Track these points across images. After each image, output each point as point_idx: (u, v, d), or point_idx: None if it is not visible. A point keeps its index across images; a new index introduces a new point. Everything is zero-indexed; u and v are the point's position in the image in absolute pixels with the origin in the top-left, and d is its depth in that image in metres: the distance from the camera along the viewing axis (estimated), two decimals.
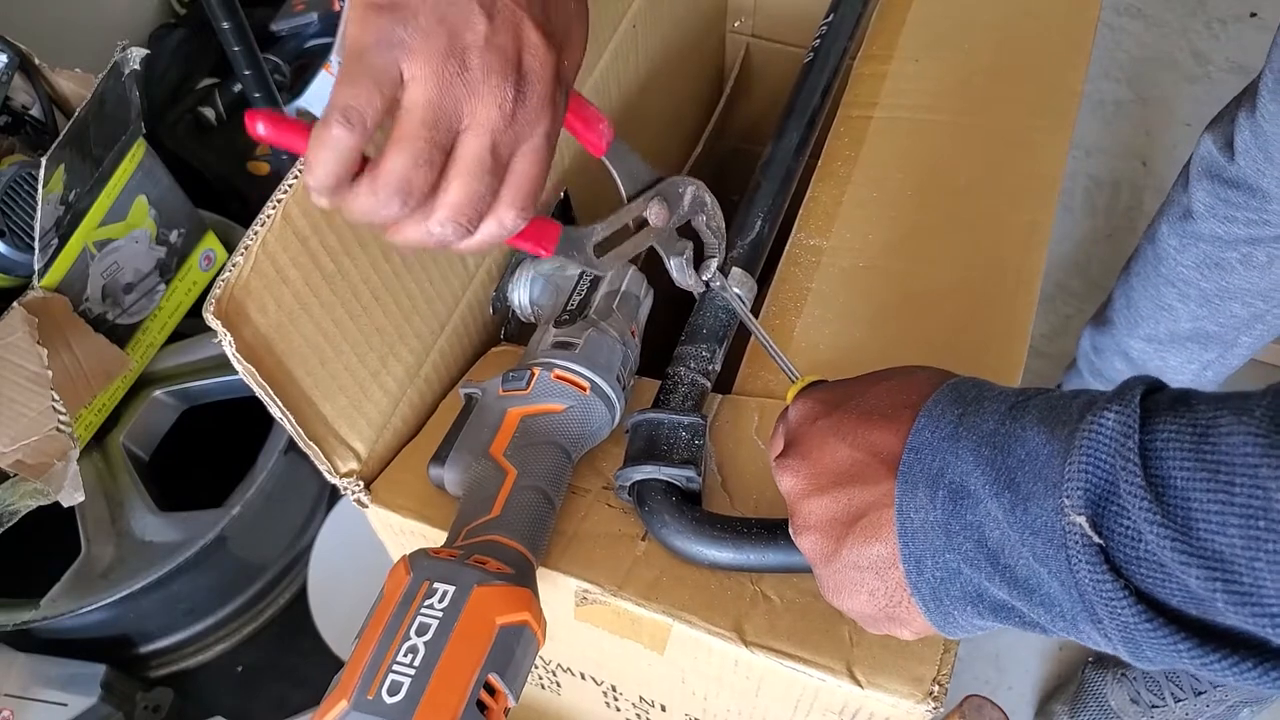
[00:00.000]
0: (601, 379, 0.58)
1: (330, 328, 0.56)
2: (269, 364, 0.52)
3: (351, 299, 0.57)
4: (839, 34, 0.78)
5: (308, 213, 0.52)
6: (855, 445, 0.43)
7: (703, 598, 0.54)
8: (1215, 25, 1.89)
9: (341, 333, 0.57)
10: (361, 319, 0.58)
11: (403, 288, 0.60)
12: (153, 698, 1.07)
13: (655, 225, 0.58)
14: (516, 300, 0.69)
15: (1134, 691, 1.12)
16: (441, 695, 0.42)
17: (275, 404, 0.53)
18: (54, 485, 0.88)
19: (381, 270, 0.58)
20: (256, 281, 0.50)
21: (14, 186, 0.96)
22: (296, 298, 0.53)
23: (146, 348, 1.12)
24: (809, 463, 0.44)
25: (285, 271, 0.52)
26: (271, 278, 0.51)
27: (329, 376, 0.56)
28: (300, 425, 0.55)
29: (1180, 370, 1.06)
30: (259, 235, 0.50)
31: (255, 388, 0.52)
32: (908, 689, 0.49)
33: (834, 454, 0.43)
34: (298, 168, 0.51)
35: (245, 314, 0.50)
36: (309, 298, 0.54)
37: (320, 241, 0.53)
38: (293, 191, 0.51)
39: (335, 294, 0.55)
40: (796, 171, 0.71)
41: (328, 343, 0.56)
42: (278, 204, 0.50)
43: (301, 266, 0.53)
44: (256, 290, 0.50)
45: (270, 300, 0.51)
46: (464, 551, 0.49)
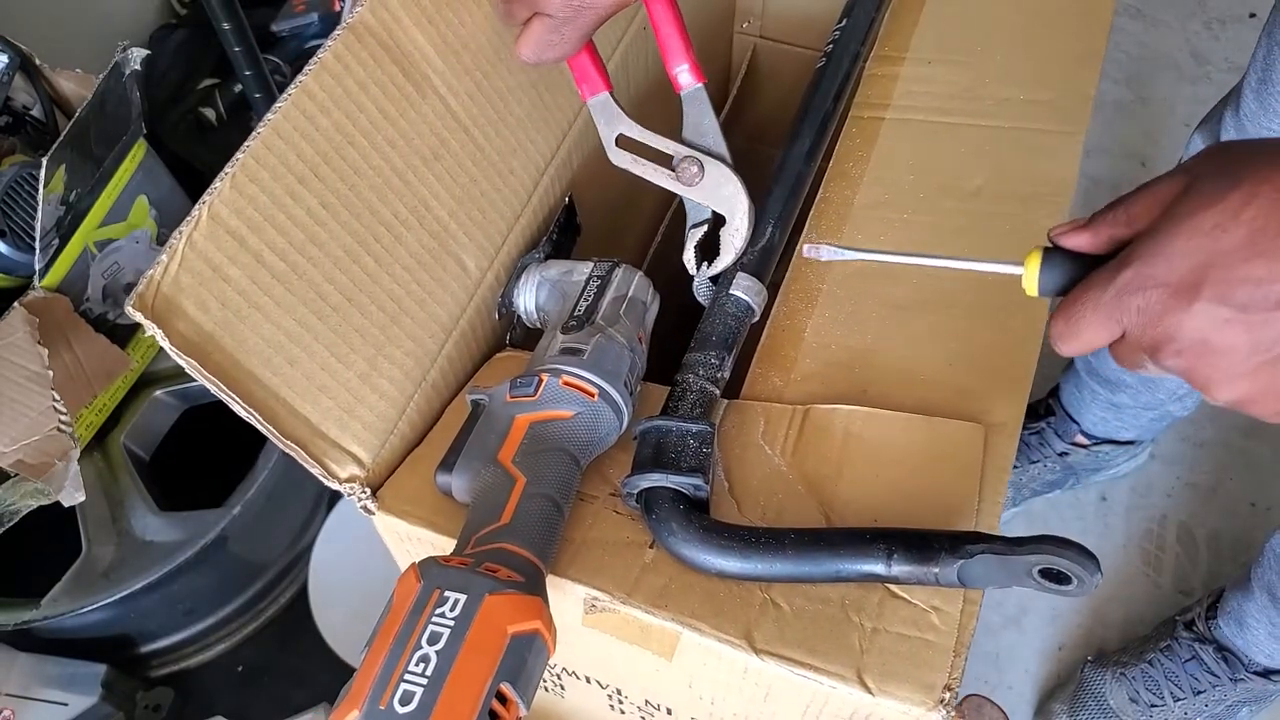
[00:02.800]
0: (609, 385, 0.58)
1: (294, 328, 0.56)
2: (217, 359, 0.53)
3: (317, 299, 0.57)
4: (852, 38, 0.78)
5: (240, 212, 0.53)
6: None
7: (711, 605, 0.54)
8: (1215, 26, 1.89)
9: (310, 334, 0.57)
10: (333, 320, 0.58)
11: (383, 290, 0.60)
12: (153, 697, 1.07)
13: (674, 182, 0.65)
14: (522, 305, 0.69)
15: (1133, 691, 1.12)
16: (454, 705, 0.42)
17: (232, 398, 0.54)
18: (55, 485, 0.88)
19: (350, 271, 0.58)
20: (188, 278, 0.51)
21: (15, 187, 0.96)
22: (244, 296, 0.53)
23: (147, 348, 1.12)
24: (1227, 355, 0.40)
25: (223, 269, 0.52)
26: (206, 275, 0.52)
27: (303, 377, 0.57)
28: (272, 424, 0.56)
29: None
30: (184, 234, 0.51)
31: (200, 379, 0.52)
32: (919, 696, 0.49)
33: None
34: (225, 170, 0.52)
35: (180, 309, 0.51)
36: (260, 297, 0.54)
37: (263, 240, 0.54)
38: (219, 192, 0.52)
39: (294, 294, 0.56)
40: (808, 177, 0.71)
41: (293, 343, 0.56)
42: (203, 204, 0.51)
43: (243, 265, 0.53)
44: (190, 287, 0.51)
45: (210, 297, 0.52)
46: (474, 559, 0.49)
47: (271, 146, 0.54)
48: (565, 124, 0.75)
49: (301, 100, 0.55)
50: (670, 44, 0.63)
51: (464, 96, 0.65)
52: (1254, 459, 1.36)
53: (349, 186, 0.58)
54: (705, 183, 0.65)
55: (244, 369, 0.54)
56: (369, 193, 0.59)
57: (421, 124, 0.62)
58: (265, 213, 0.54)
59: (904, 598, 0.53)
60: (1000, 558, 0.48)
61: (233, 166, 0.52)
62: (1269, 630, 1.02)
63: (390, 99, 0.60)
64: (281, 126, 0.54)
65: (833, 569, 0.52)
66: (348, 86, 0.57)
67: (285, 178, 0.55)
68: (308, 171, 0.56)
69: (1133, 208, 0.44)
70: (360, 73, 0.58)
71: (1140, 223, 0.43)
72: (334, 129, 0.57)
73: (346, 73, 0.57)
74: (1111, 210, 0.45)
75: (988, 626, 1.25)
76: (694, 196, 0.66)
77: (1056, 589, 0.48)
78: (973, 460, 0.58)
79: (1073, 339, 0.45)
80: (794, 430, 0.61)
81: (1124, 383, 1.12)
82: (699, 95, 0.65)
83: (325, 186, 0.57)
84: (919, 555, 0.50)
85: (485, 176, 0.67)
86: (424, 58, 0.62)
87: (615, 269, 0.66)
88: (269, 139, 0.54)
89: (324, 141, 0.56)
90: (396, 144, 0.60)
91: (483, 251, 0.67)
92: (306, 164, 0.56)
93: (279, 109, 0.54)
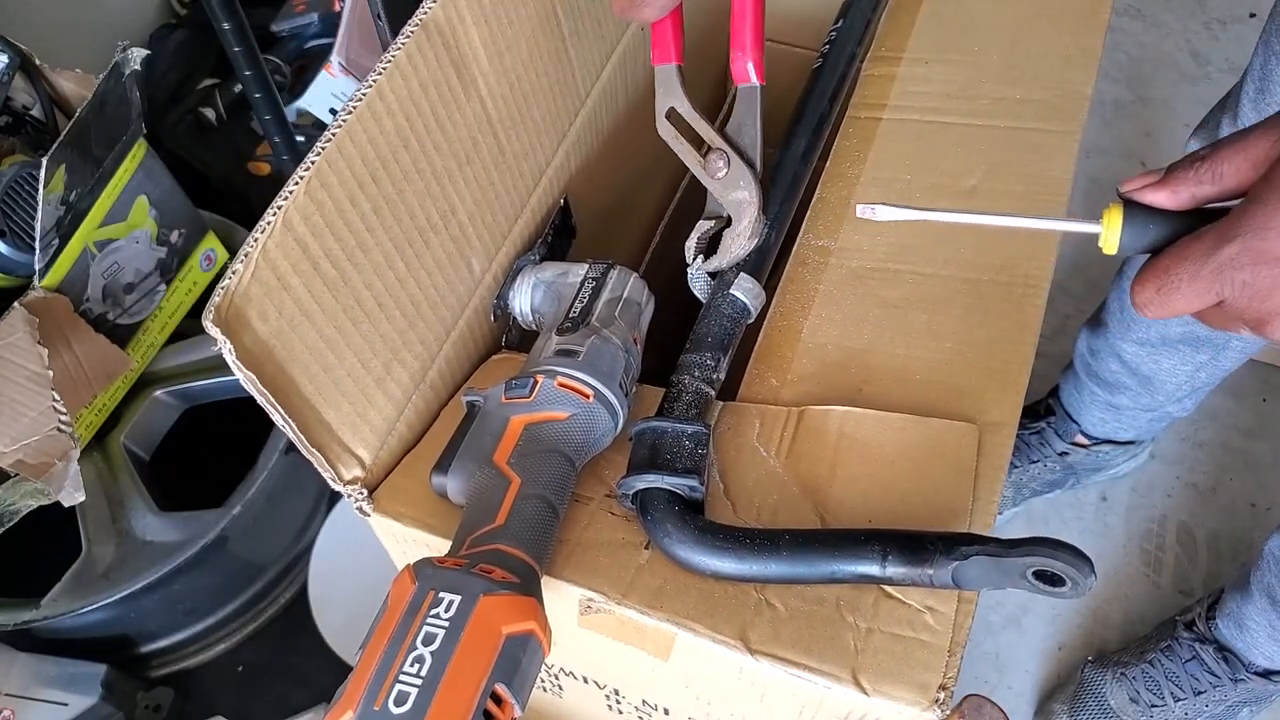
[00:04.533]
0: (605, 386, 0.58)
1: (333, 334, 0.55)
2: (270, 370, 0.52)
3: (354, 305, 0.56)
4: (848, 39, 0.78)
5: (308, 218, 0.51)
6: None
7: (707, 606, 0.54)
8: (1215, 26, 1.89)
9: (345, 339, 0.56)
10: (364, 325, 0.57)
11: (406, 294, 0.60)
12: (153, 697, 1.08)
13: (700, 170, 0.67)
14: (517, 307, 0.69)
15: (1133, 691, 1.12)
16: (448, 706, 0.42)
17: (277, 411, 0.52)
18: (55, 485, 0.88)
19: (385, 277, 0.58)
20: (257, 289, 0.50)
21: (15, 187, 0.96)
22: (298, 304, 0.52)
23: (147, 348, 1.12)
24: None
25: (286, 278, 0.51)
26: (272, 285, 0.50)
27: (331, 383, 0.56)
28: (302, 431, 0.55)
29: (1173, 373, 1.06)
30: (259, 242, 0.49)
31: (257, 395, 0.51)
32: (914, 696, 0.49)
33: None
34: (299, 173, 0.51)
35: (246, 321, 0.50)
36: (310, 304, 0.53)
37: (322, 247, 0.53)
38: (293, 197, 0.50)
39: (338, 300, 0.55)
40: (804, 178, 0.71)
41: (330, 349, 0.55)
42: (278, 209, 0.50)
43: (303, 273, 0.52)
44: (257, 297, 0.50)
45: (271, 307, 0.51)
46: (469, 560, 0.49)
47: (343, 149, 0.53)
48: (565, 126, 0.75)
49: (374, 101, 0.54)
50: (741, 36, 0.66)
51: (499, 99, 0.64)
52: (1254, 459, 1.36)
53: (399, 191, 0.57)
54: (726, 180, 0.66)
55: (288, 377, 0.53)
56: (412, 197, 0.58)
57: (463, 126, 0.61)
58: (328, 219, 0.53)
59: (898, 598, 0.53)
60: (994, 559, 0.49)
61: (307, 170, 0.51)
62: (1269, 633, 1.02)
63: (443, 101, 0.59)
64: (354, 128, 0.53)
65: (827, 570, 0.52)
66: (412, 88, 0.56)
67: (349, 182, 0.53)
68: (368, 175, 0.55)
69: (1220, 164, 0.41)
70: (425, 73, 0.57)
71: (1230, 182, 0.41)
72: (395, 131, 0.56)
73: (414, 73, 0.56)
74: (1194, 166, 0.42)
75: (988, 626, 1.25)
76: (713, 190, 0.67)
77: (1050, 591, 0.48)
78: (967, 460, 0.58)
79: (1163, 307, 0.43)
80: (789, 432, 0.61)
81: (1123, 384, 1.12)
82: (752, 95, 0.67)
83: (379, 191, 0.56)
84: (913, 556, 0.50)
85: (501, 179, 0.67)
86: (475, 58, 0.61)
87: (610, 271, 0.66)
88: (342, 141, 0.52)
89: (385, 145, 0.55)
90: (441, 147, 0.60)
91: (487, 252, 0.67)
92: (368, 168, 0.55)
93: (353, 109, 0.53)
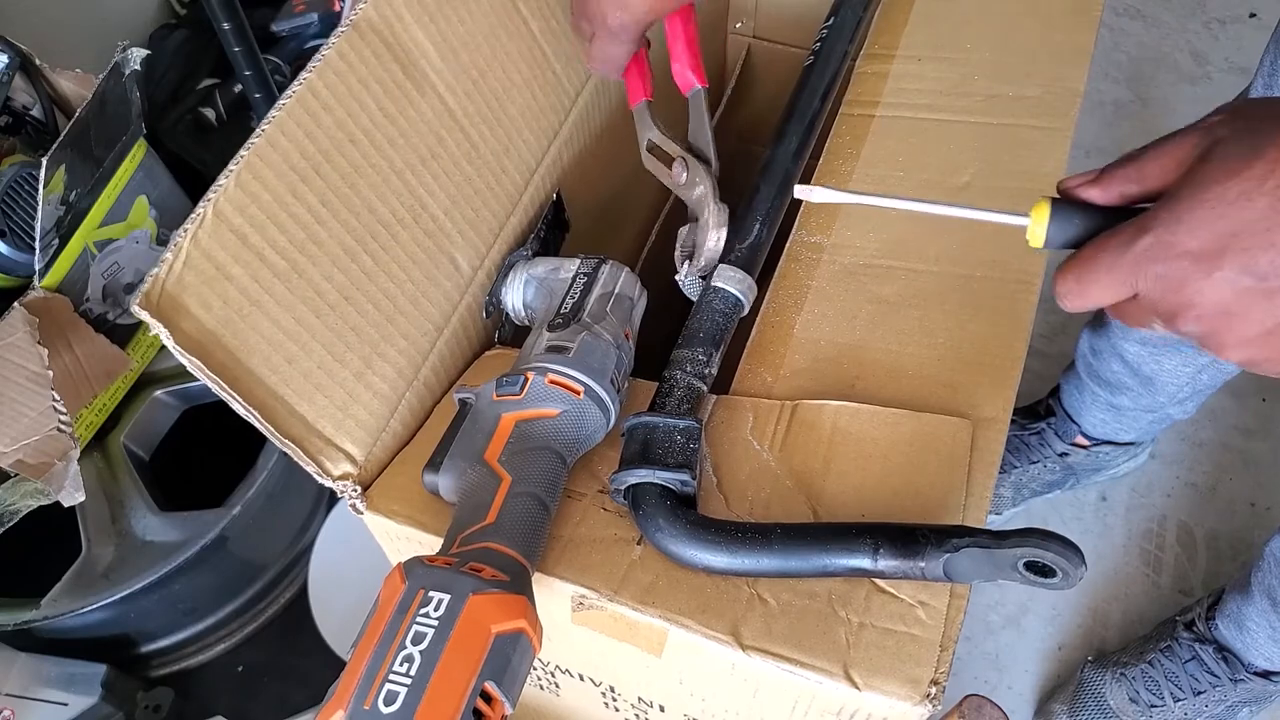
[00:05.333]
0: (595, 383, 0.58)
1: (293, 326, 0.56)
2: (220, 358, 0.53)
3: (315, 298, 0.57)
4: (840, 36, 0.78)
5: (244, 210, 0.53)
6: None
7: (699, 601, 0.54)
8: (1215, 26, 1.89)
9: (308, 331, 0.57)
10: (330, 318, 0.58)
11: (379, 289, 0.61)
12: (153, 697, 1.07)
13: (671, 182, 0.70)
14: (510, 303, 0.69)
15: (1133, 691, 1.12)
16: (437, 704, 0.43)
17: (235, 399, 0.54)
18: (54, 485, 0.88)
19: (347, 269, 0.59)
20: (192, 277, 0.51)
21: (15, 187, 0.97)
22: (245, 294, 0.54)
23: (147, 348, 1.13)
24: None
25: (226, 269, 0.53)
26: (210, 274, 0.52)
27: (300, 375, 0.57)
28: (270, 422, 0.56)
29: (1175, 373, 1.06)
30: (189, 232, 0.51)
31: (205, 380, 0.52)
32: (905, 690, 0.49)
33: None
34: (229, 168, 0.52)
35: (184, 309, 0.51)
36: (260, 295, 0.54)
37: (265, 238, 0.54)
38: (224, 189, 0.52)
39: (293, 292, 0.56)
40: (795, 175, 0.71)
41: (292, 341, 0.56)
42: (207, 201, 0.51)
43: (245, 263, 0.53)
44: (193, 285, 0.51)
45: (213, 296, 0.52)
46: (459, 559, 0.49)
47: (275, 144, 0.54)
48: (556, 123, 0.75)
49: (305, 98, 0.55)
50: (676, 48, 0.69)
51: (461, 95, 0.65)
52: (1254, 459, 1.36)
53: (349, 185, 0.58)
54: (686, 182, 0.67)
55: (245, 367, 0.54)
56: (368, 191, 0.59)
57: (420, 122, 0.62)
58: (268, 210, 0.54)
59: (891, 592, 0.53)
60: (985, 551, 0.49)
61: (237, 164, 0.52)
62: (1269, 634, 1.01)
63: (390, 97, 0.60)
64: (285, 124, 0.54)
65: (819, 564, 0.52)
66: (350, 84, 0.58)
67: (288, 175, 0.55)
68: (310, 169, 0.56)
69: (1146, 165, 0.44)
70: (362, 70, 0.58)
71: (1153, 181, 0.43)
72: (336, 126, 0.57)
73: (349, 70, 0.57)
74: (1123, 166, 0.45)
75: (988, 626, 1.24)
76: (682, 196, 0.68)
77: (1041, 582, 0.48)
78: (960, 455, 0.58)
79: (1080, 297, 0.45)
80: (782, 425, 0.61)
81: (1125, 385, 1.12)
82: (698, 97, 0.70)
83: (326, 184, 0.57)
84: (905, 549, 0.50)
85: (479, 175, 0.67)
86: (424, 55, 0.62)
87: (602, 266, 0.66)
88: (273, 136, 0.54)
89: (326, 139, 0.57)
90: (395, 142, 0.61)
91: (475, 250, 0.68)
92: (309, 161, 0.56)
93: (283, 106, 0.54)
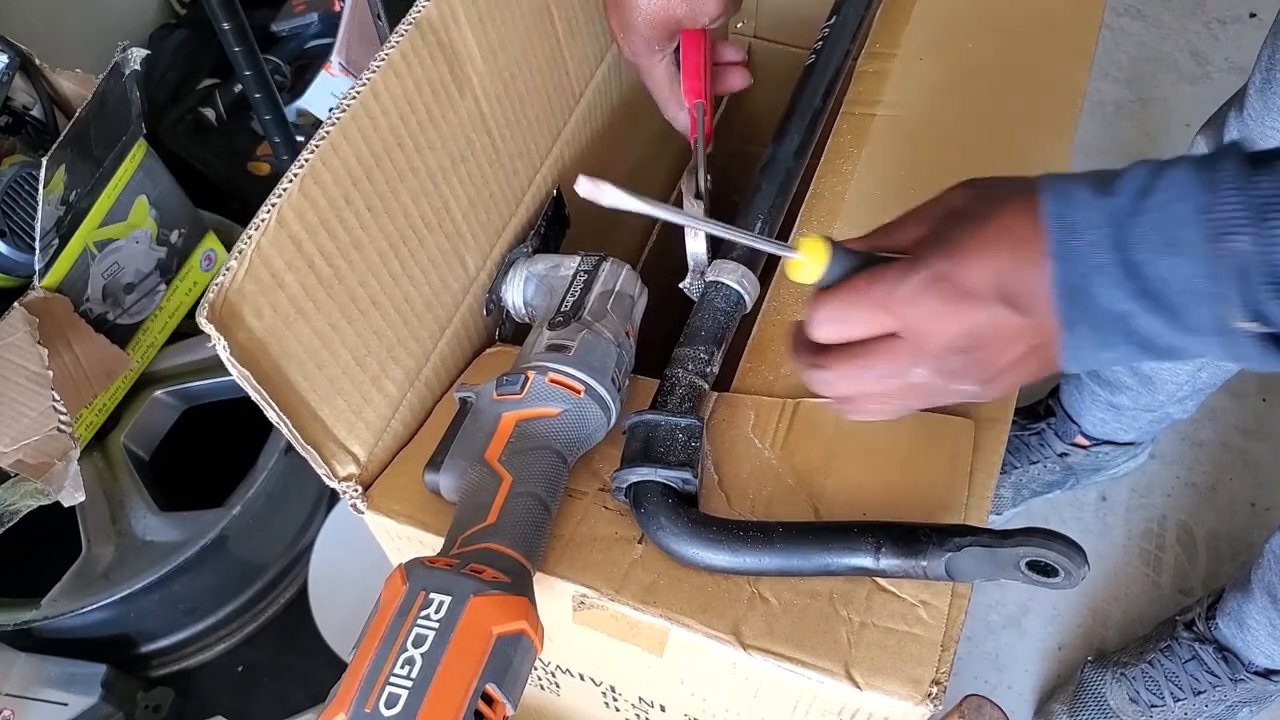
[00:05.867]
0: (596, 381, 0.58)
1: (328, 332, 0.55)
2: (265, 367, 0.52)
3: (349, 303, 0.56)
4: (841, 36, 0.78)
5: (302, 216, 0.52)
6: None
7: (700, 600, 0.54)
8: (1214, 26, 1.89)
9: (339, 337, 0.56)
10: (359, 323, 0.58)
11: (401, 292, 0.60)
12: (153, 697, 1.07)
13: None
14: (510, 301, 0.69)
15: (1133, 691, 1.12)
16: (438, 707, 0.43)
17: (272, 408, 0.53)
18: (54, 485, 0.88)
19: (380, 275, 0.58)
20: (251, 285, 0.50)
21: (15, 187, 0.97)
22: (293, 302, 0.52)
23: (147, 348, 1.13)
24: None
25: (281, 276, 0.51)
26: (266, 282, 0.51)
27: (326, 380, 0.56)
28: (297, 429, 0.55)
29: (1175, 371, 1.06)
30: (253, 239, 0.49)
31: (251, 392, 0.51)
32: (906, 690, 0.50)
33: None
34: (293, 171, 0.51)
35: (240, 318, 0.50)
36: (305, 302, 0.53)
37: (316, 245, 0.53)
38: (287, 194, 0.50)
39: (332, 298, 0.55)
40: (797, 174, 0.71)
41: (325, 347, 0.55)
42: (272, 207, 0.50)
43: (297, 270, 0.52)
44: (251, 294, 0.50)
45: (266, 304, 0.51)
46: (460, 560, 0.49)
47: (337, 147, 0.53)
48: (560, 125, 0.75)
49: (368, 99, 0.54)
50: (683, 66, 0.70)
51: (494, 98, 0.64)
52: (1254, 459, 1.36)
53: (392, 190, 0.57)
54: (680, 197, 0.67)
55: (283, 375, 0.53)
56: (406, 196, 0.59)
57: (456, 125, 0.62)
58: (323, 216, 0.53)
59: (892, 592, 0.53)
60: (988, 550, 0.49)
61: (301, 168, 0.51)
62: (1269, 631, 1.01)
63: (437, 99, 0.59)
64: (348, 126, 0.53)
65: (821, 562, 0.52)
66: (406, 86, 0.57)
67: (344, 180, 0.54)
68: (362, 174, 0.55)
69: (899, 229, 0.50)
70: (419, 72, 0.57)
71: (905, 239, 0.49)
72: (389, 130, 0.56)
73: (408, 72, 0.57)
74: (884, 228, 0.51)
75: (988, 626, 1.24)
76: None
77: (1044, 581, 0.48)
78: (962, 455, 0.58)
79: (840, 323, 0.49)
80: (784, 423, 0.61)
81: (1124, 384, 1.12)
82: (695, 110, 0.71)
83: (374, 189, 0.56)
84: (906, 548, 0.50)
85: (496, 178, 0.67)
86: (469, 57, 0.61)
87: (603, 263, 0.66)
88: (335, 140, 0.53)
89: (379, 143, 0.56)
90: (435, 146, 0.60)
91: (481, 250, 0.68)
92: (363, 166, 0.55)
93: (346, 107, 0.53)
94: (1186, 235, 0.40)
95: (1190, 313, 0.41)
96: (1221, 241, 0.38)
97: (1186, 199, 0.40)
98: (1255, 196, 0.38)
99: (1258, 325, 0.39)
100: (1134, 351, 0.44)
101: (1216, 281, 0.39)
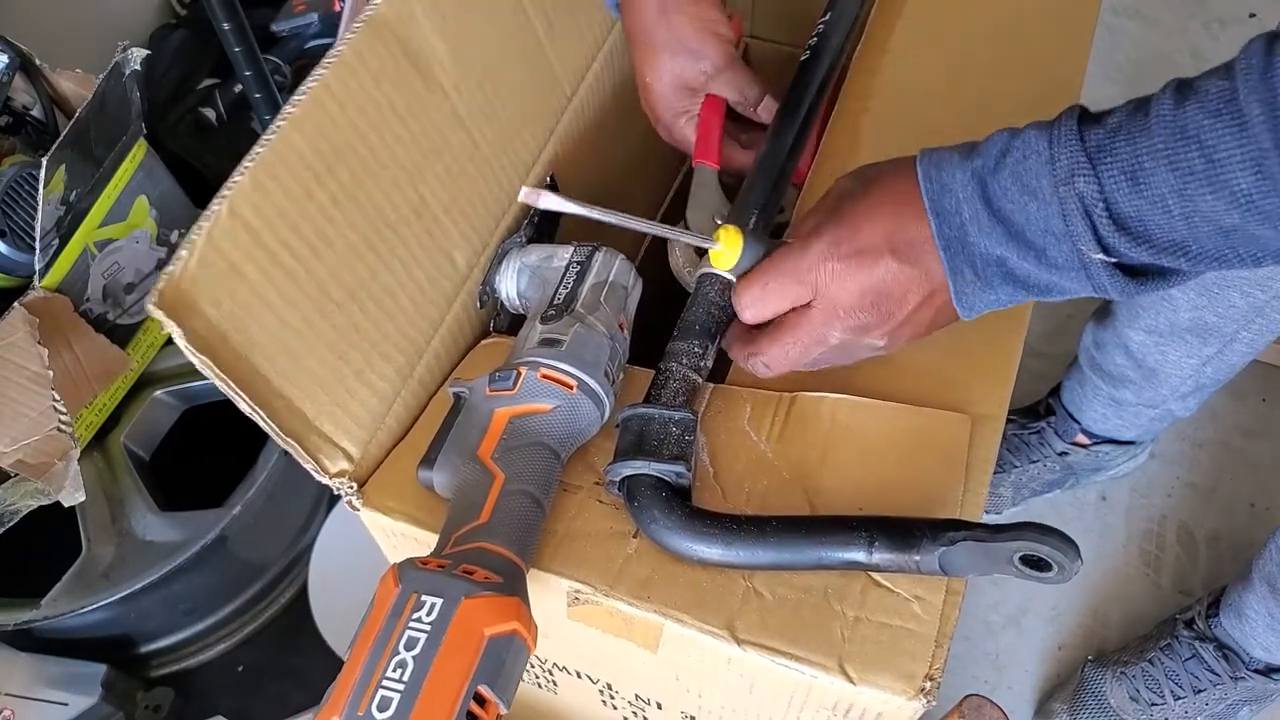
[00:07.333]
0: (589, 376, 0.58)
1: (299, 324, 0.56)
2: (225, 356, 0.52)
3: (321, 296, 0.57)
4: (836, 31, 0.78)
5: (258, 208, 0.52)
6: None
7: (694, 595, 0.54)
8: (1214, 26, 1.89)
9: (313, 330, 0.57)
10: (335, 316, 0.58)
11: (382, 287, 0.60)
12: (153, 697, 1.08)
13: None
14: (504, 292, 0.69)
15: (1133, 690, 1.12)
16: (431, 709, 0.43)
17: (241, 398, 0.53)
18: (55, 485, 0.89)
19: (354, 269, 0.58)
20: (205, 275, 0.50)
21: (15, 187, 0.97)
22: (254, 292, 0.53)
23: (147, 348, 1.13)
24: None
25: (240, 267, 0.52)
26: (223, 271, 0.51)
27: (303, 373, 0.56)
28: (273, 421, 0.55)
29: (1180, 365, 1.05)
30: (204, 230, 0.50)
31: (214, 378, 0.52)
32: (900, 685, 0.49)
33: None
34: (243, 165, 0.51)
35: (194, 306, 0.50)
36: (269, 292, 0.54)
37: (277, 238, 0.53)
38: (238, 187, 0.51)
39: (301, 291, 0.55)
40: (791, 169, 0.71)
41: (297, 339, 0.56)
42: (222, 199, 0.51)
43: (257, 262, 0.53)
44: (206, 284, 0.51)
45: (224, 294, 0.51)
46: (452, 561, 0.49)
47: (290, 142, 0.53)
48: (551, 122, 0.75)
49: (320, 95, 0.55)
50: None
51: (466, 94, 0.65)
52: (1254, 459, 1.35)
53: (358, 184, 0.58)
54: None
55: (250, 365, 0.54)
56: (375, 190, 0.59)
57: (426, 120, 0.62)
58: (281, 209, 0.53)
59: (886, 586, 0.53)
60: (981, 545, 0.49)
61: (252, 161, 0.52)
62: (1267, 622, 1.01)
63: (401, 95, 0.60)
64: (300, 121, 0.54)
65: (815, 556, 0.52)
66: (363, 81, 0.57)
67: (302, 174, 0.54)
68: (324, 168, 0.55)
69: (802, 223, 0.57)
70: (375, 67, 0.58)
71: (807, 227, 0.56)
72: (349, 125, 0.57)
73: (363, 68, 0.57)
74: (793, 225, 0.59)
75: (988, 626, 1.24)
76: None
77: (1037, 576, 0.48)
78: (959, 451, 0.58)
79: (762, 303, 0.57)
80: (780, 417, 0.61)
81: (1127, 378, 1.12)
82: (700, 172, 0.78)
83: (337, 183, 0.56)
84: (900, 543, 0.50)
85: (479, 173, 0.67)
86: (434, 54, 0.62)
87: (596, 253, 0.66)
88: (288, 134, 0.53)
89: (339, 137, 0.56)
90: (403, 140, 0.60)
91: (471, 247, 0.68)
92: (322, 160, 0.55)
93: (298, 103, 0.53)
94: (1040, 183, 0.46)
95: (1053, 250, 0.47)
96: (1067, 185, 0.45)
97: (1038, 153, 0.46)
98: (1089, 145, 0.45)
99: (1108, 257, 0.46)
100: (1014, 291, 0.51)
101: (1069, 220, 0.46)
